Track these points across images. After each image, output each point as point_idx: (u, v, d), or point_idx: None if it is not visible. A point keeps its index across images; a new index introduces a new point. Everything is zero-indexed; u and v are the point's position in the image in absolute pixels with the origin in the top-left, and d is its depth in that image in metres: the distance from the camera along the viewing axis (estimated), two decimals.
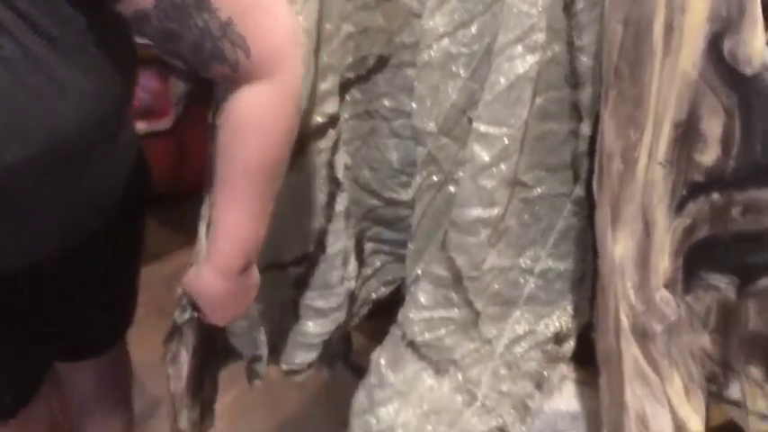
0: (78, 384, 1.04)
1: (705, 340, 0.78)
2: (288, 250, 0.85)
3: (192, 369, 0.82)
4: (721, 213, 0.71)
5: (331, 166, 0.81)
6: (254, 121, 0.61)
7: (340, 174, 0.82)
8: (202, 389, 0.91)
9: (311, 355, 0.90)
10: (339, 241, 0.85)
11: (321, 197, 0.83)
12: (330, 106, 0.79)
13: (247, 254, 0.68)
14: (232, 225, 0.66)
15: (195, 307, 0.75)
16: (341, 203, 0.83)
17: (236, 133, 0.62)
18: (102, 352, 1.00)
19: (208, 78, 0.63)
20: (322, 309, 0.88)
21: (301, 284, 0.88)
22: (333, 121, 0.80)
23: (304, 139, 0.76)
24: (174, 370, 0.81)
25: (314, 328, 0.89)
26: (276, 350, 0.91)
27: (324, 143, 0.80)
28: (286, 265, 0.86)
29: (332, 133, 0.80)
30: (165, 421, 0.92)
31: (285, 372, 0.91)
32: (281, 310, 0.89)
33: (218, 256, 0.68)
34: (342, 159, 0.83)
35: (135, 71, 0.72)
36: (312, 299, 0.88)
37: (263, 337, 0.85)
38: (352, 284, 0.89)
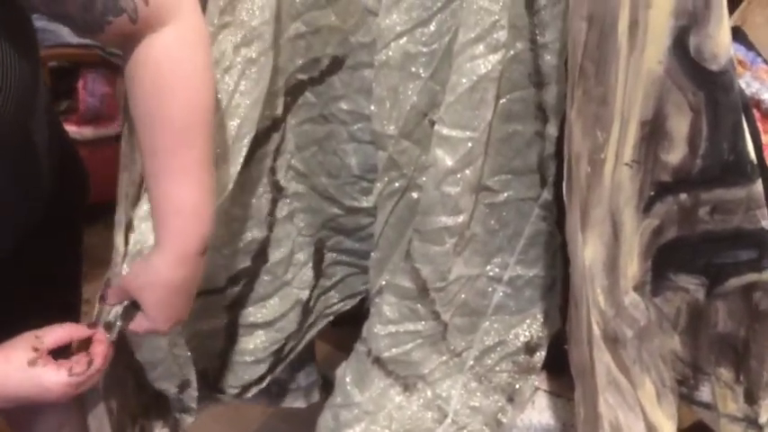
0: None
1: (675, 342, 0.76)
2: (222, 273, 0.80)
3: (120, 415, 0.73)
4: (689, 214, 0.70)
5: (273, 171, 0.77)
6: (171, 67, 0.57)
7: (282, 179, 0.78)
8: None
9: (261, 368, 0.85)
10: (282, 248, 0.80)
11: (264, 205, 0.78)
12: (275, 109, 0.74)
13: (206, 230, 0.62)
14: (183, 199, 0.60)
15: (127, 314, 0.65)
16: (283, 209, 0.79)
17: (158, 87, 0.57)
18: None
19: (107, 45, 0.57)
20: (263, 322, 0.83)
21: (238, 304, 0.82)
22: (276, 124, 0.75)
23: (250, 148, 0.71)
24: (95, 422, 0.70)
25: (258, 342, 0.83)
26: (216, 380, 0.85)
27: (267, 148, 0.75)
28: (222, 289, 0.80)
29: (275, 137, 0.76)
30: None
31: (235, 395, 0.85)
32: (210, 337, 0.83)
33: (176, 237, 0.61)
34: (285, 163, 0.78)
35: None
36: (252, 315, 0.82)
37: (188, 357, 0.75)
38: (305, 294, 0.84)
